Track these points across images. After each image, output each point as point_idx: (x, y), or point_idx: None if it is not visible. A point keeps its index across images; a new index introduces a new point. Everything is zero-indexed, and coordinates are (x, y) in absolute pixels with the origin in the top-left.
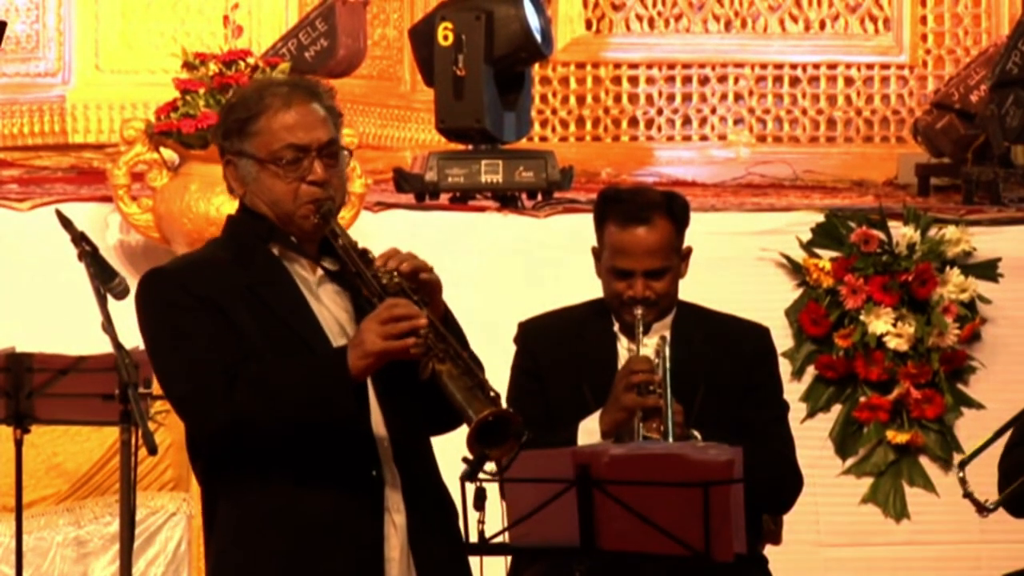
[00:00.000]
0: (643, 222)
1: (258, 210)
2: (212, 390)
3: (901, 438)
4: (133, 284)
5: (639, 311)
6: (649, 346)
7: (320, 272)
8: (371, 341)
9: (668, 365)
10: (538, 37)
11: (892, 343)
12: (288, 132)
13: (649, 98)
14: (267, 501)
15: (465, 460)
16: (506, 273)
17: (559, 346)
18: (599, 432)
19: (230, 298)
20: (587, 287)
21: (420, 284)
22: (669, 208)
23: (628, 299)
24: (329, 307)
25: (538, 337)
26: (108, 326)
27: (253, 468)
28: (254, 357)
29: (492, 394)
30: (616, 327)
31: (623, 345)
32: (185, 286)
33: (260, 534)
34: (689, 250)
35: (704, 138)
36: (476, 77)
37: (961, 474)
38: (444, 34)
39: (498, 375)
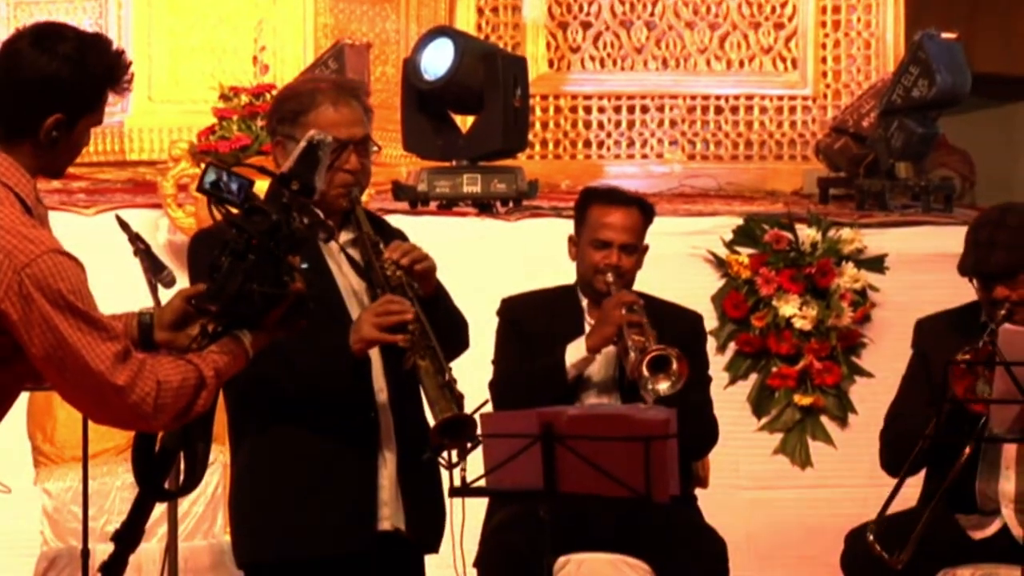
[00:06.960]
0: (624, 204)
1: None
2: None
3: (806, 401)
4: (179, 276)
5: (611, 277)
6: None
7: (340, 243)
8: (367, 329)
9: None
10: (427, 78)
11: (798, 324)
12: (332, 127)
13: (600, 124)
14: (282, 436)
15: (428, 448)
16: (484, 267)
17: (536, 318)
18: (585, 348)
19: None
20: (551, 277)
21: (417, 274)
22: (641, 204)
23: (604, 266)
24: (347, 275)
25: (518, 309)
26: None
27: (271, 410)
28: None
29: (456, 394)
30: (584, 303)
31: (589, 322)
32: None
33: (273, 462)
34: (646, 248)
35: (645, 156)
36: (401, 106)
37: (871, 538)
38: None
39: (478, 346)
